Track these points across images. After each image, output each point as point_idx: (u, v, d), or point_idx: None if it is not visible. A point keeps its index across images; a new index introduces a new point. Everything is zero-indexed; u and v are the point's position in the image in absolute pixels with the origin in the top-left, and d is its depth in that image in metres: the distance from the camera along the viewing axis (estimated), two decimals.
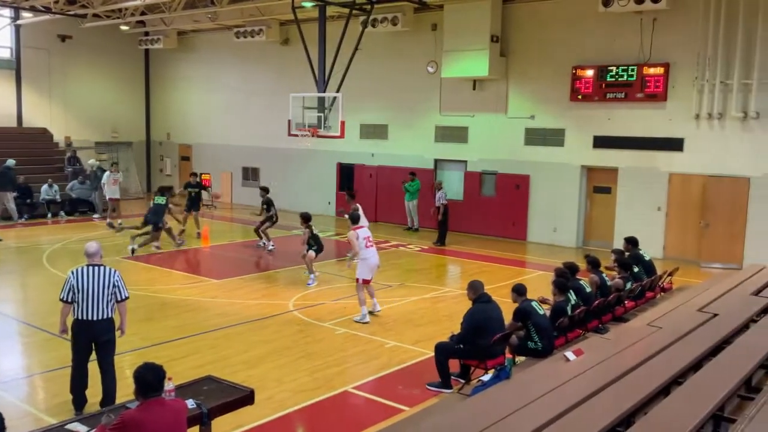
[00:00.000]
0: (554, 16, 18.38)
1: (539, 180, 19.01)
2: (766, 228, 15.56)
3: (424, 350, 9.53)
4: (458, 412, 5.89)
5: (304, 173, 23.94)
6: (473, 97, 19.96)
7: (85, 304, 7.10)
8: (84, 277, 7.13)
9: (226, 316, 11.28)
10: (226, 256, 16.96)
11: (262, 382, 8.28)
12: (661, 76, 16.67)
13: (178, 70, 28.44)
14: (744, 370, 5.45)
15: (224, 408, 5.88)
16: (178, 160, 29.18)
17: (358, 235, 11.14)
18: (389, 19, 20.14)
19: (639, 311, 10.07)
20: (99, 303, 7.12)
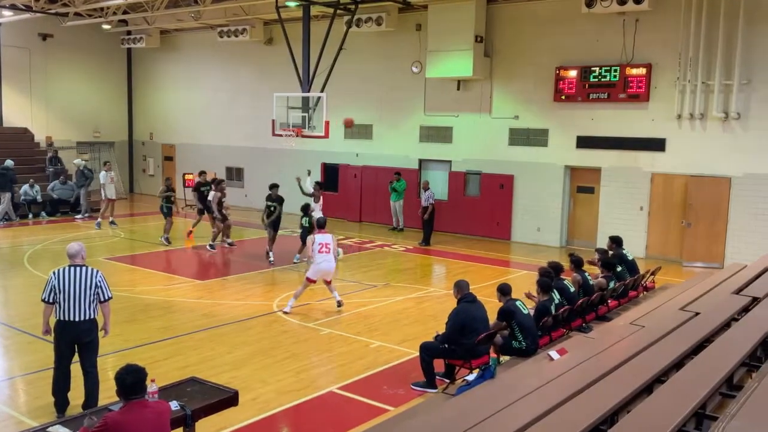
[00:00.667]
0: (538, 16, 18.47)
1: (523, 180, 19.10)
2: (746, 227, 15.74)
3: (409, 350, 9.54)
4: (443, 412, 5.90)
5: (288, 173, 23.85)
6: (458, 97, 20.01)
7: (67, 304, 7.02)
8: (65, 278, 7.06)
9: (209, 317, 11.22)
10: (211, 256, 16.85)
11: (247, 383, 8.24)
12: (643, 76, 16.81)
13: (161, 70, 28.25)
14: (726, 368, 5.50)
15: (208, 409, 5.85)
16: (162, 160, 28.98)
17: (315, 240, 11.64)
18: (374, 19, 20.14)
19: (622, 310, 10.15)
20: (81, 304, 7.05)
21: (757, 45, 15.40)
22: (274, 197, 15.92)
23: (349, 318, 11.34)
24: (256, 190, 24.46)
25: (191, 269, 15.59)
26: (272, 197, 15.93)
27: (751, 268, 10.91)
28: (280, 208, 15.87)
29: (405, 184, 20.55)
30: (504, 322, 8.38)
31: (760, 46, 15.38)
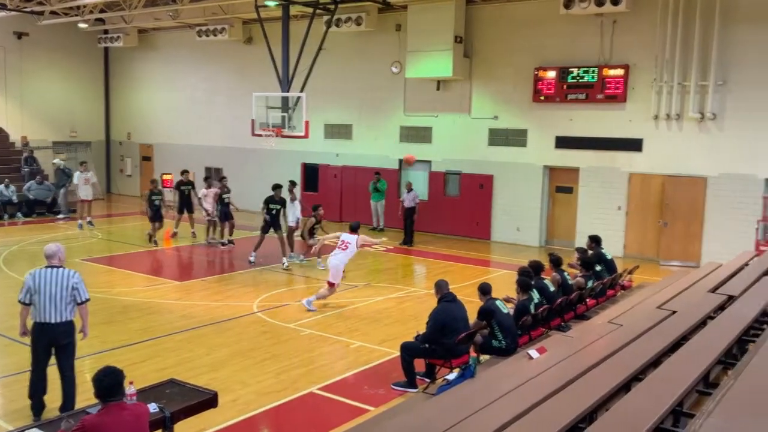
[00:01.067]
0: (517, 17, 18.57)
1: (502, 180, 19.19)
2: (722, 226, 15.96)
3: (389, 350, 9.54)
4: (423, 412, 5.91)
5: (268, 173, 23.72)
6: (437, 97, 20.06)
7: (44, 306, 6.93)
8: (42, 279, 6.96)
9: (188, 318, 11.14)
10: (189, 257, 16.74)
11: (226, 384, 8.19)
12: (621, 77, 16.97)
13: (139, 69, 27.98)
14: (702, 365, 5.56)
15: (187, 411, 5.81)
16: (140, 160, 28.70)
17: (340, 236, 12.45)
18: (353, 19, 20.11)
19: (600, 309, 10.24)
20: (58, 306, 6.96)
21: (732, 46, 15.62)
22: (277, 199, 15.45)
23: (330, 318, 11.32)
24: (235, 190, 24.27)
25: (170, 270, 15.47)
26: (275, 199, 15.43)
27: (727, 266, 11.05)
28: (283, 210, 15.58)
29: (386, 184, 20.56)
30: (484, 321, 8.41)
31: (735, 48, 15.60)
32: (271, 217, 15.29)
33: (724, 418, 3.91)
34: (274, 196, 15.44)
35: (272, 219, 15.30)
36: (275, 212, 15.35)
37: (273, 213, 15.32)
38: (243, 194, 20.74)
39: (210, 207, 17.64)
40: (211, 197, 17.69)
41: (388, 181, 20.64)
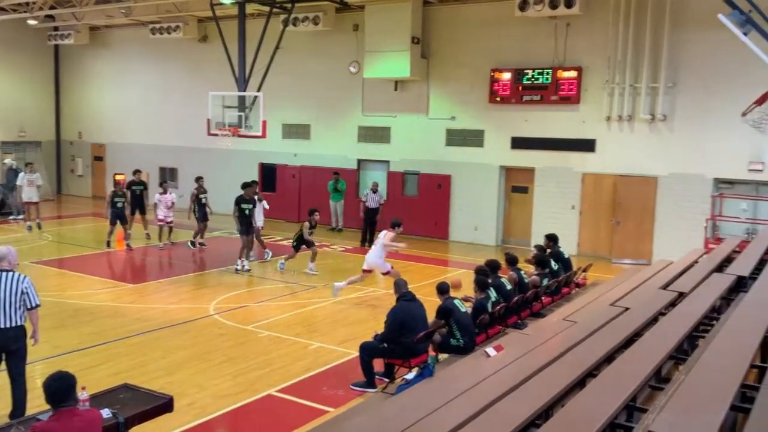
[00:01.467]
0: (473, 19, 18.74)
1: (460, 180, 19.34)
2: (672, 225, 16.38)
3: (349, 350, 9.52)
4: (382, 411, 5.91)
5: (224, 173, 23.44)
6: (395, 97, 20.11)
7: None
8: None
9: (143, 321, 10.93)
10: (143, 259, 16.42)
11: (182, 388, 8.07)
12: (574, 79, 17.28)
13: (91, 67, 27.33)
14: (654, 361, 5.69)
15: (142, 417, 5.70)
16: (91, 161, 28.05)
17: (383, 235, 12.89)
18: (310, 19, 20.02)
19: (555, 306, 10.39)
20: (7, 310, 6.77)
21: (681, 49, 16.05)
22: (248, 198, 14.83)
23: (288, 319, 11.25)
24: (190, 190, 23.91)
25: (124, 272, 15.15)
26: (245, 198, 14.79)
27: (677, 264, 11.33)
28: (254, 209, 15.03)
29: (345, 184, 20.53)
30: (442, 320, 8.46)
31: (684, 51, 16.03)
32: (244, 218, 14.77)
33: (675, 412, 4.00)
34: (244, 195, 14.83)
35: (247, 219, 14.81)
36: (248, 212, 14.84)
37: (246, 213, 14.79)
38: None
39: (164, 214, 17.15)
40: (167, 204, 17.19)
41: (346, 181, 20.61)
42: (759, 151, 15.36)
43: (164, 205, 17.19)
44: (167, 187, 17.89)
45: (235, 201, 14.88)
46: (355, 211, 19.71)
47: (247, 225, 14.84)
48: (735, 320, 6.24)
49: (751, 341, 5.57)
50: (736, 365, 4.95)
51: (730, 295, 8.37)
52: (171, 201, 17.37)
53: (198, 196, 17.15)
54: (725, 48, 14.77)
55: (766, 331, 6.03)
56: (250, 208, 14.88)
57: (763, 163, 15.40)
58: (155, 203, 17.31)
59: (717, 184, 16.05)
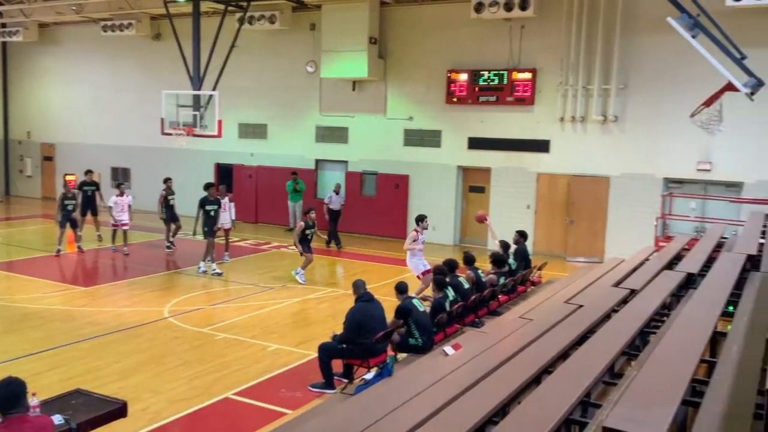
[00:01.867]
0: (430, 20, 18.84)
1: (418, 180, 19.43)
2: (624, 224, 16.75)
3: (307, 351, 9.47)
4: (341, 412, 5.89)
5: (179, 174, 23.05)
6: (353, 97, 20.08)
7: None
8: None
9: (95, 325, 10.68)
10: (95, 262, 16.04)
11: (136, 393, 7.91)
12: (529, 81, 17.52)
13: (40, 65, 26.57)
14: (608, 357, 5.79)
15: (95, 422, 5.57)
16: (41, 160, 27.27)
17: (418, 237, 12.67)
18: (267, 17, 19.85)
19: (512, 305, 10.51)
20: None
21: (632, 52, 16.42)
22: (212, 198, 14.50)
23: (245, 321, 11.13)
24: (144, 191, 23.47)
25: (75, 275, 14.78)
26: (209, 199, 14.44)
27: (629, 262, 11.56)
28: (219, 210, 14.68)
29: (304, 184, 20.44)
30: (401, 320, 8.48)
31: (635, 53, 16.41)
32: (209, 219, 14.45)
33: (628, 407, 4.09)
34: (208, 196, 14.51)
35: (212, 221, 14.50)
36: (213, 213, 14.54)
37: (211, 214, 14.48)
38: (152, 195, 20.02)
39: (119, 217, 16.34)
40: (123, 206, 16.36)
41: (304, 181, 20.50)
42: (707, 151, 15.83)
43: (120, 207, 16.39)
44: (124, 189, 17.12)
45: (200, 202, 14.45)
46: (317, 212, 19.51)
47: (211, 226, 14.51)
48: (685, 316, 6.40)
49: (701, 337, 5.72)
50: (686, 360, 5.08)
51: (680, 292, 8.58)
52: (128, 203, 16.58)
53: (166, 198, 16.77)
54: (674, 51, 15.17)
55: (714, 326, 6.21)
56: (215, 209, 14.59)
57: (710, 163, 15.87)
58: (110, 206, 16.43)
59: (667, 183, 16.48)
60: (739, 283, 8.08)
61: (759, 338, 5.84)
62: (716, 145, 15.43)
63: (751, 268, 8.99)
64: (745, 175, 15.57)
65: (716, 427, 4.14)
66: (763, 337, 5.87)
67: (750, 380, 4.91)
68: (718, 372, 5.09)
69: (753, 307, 6.83)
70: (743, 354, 5.43)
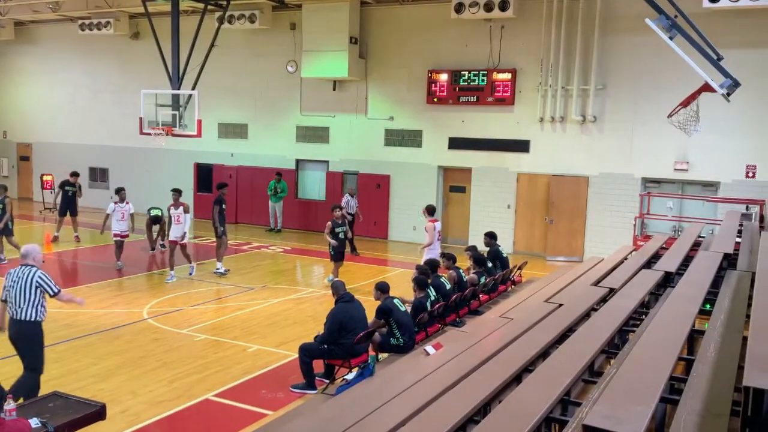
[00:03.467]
0: (410, 20, 18.87)
1: (399, 180, 19.45)
2: (603, 223, 16.90)
3: (288, 352, 9.44)
4: (323, 413, 5.88)
5: (158, 174, 22.91)
6: (334, 97, 20.05)
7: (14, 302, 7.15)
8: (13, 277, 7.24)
9: (73, 327, 10.55)
10: (73, 262, 15.85)
11: (115, 395, 7.83)
12: (509, 81, 17.61)
13: (16, 64, 26.20)
14: (587, 355, 5.84)
15: (73, 425, 5.51)
16: (17, 160, 26.90)
17: (435, 228, 12.83)
18: (246, 17, 19.76)
19: (492, 304, 10.56)
20: (21, 304, 7.16)
21: (610, 53, 16.57)
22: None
23: (226, 322, 11.06)
24: None
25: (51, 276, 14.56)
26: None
27: (608, 261, 11.67)
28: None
29: (286, 185, 20.37)
30: (382, 320, 8.48)
31: (613, 54, 16.56)
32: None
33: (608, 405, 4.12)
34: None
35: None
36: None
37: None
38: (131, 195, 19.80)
39: (123, 228, 14.92)
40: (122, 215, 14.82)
41: (285, 180, 20.44)
42: (684, 151, 16.02)
43: (120, 215, 14.85)
44: (125, 195, 15.24)
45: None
46: (293, 211, 19.52)
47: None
48: (663, 314, 6.47)
49: (679, 334, 5.78)
50: (664, 358, 5.13)
51: (658, 290, 8.67)
52: (129, 211, 14.97)
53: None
54: (652, 52, 15.34)
55: (692, 324, 6.28)
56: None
57: (688, 163, 16.06)
58: (108, 213, 14.88)
59: (645, 183, 16.65)
60: (716, 282, 8.19)
61: (736, 336, 5.92)
62: (693, 145, 15.62)
63: (727, 266, 9.11)
64: (721, 175, 15.78)
65: (694, 424, 4.19)
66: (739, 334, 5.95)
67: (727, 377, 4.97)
68: (695, 369, 5.15)
69: (730, 305, 6.92)
70: (720, 351, 5.51)
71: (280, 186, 20.24)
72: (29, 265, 7.40)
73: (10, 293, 7.24)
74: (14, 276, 7.32)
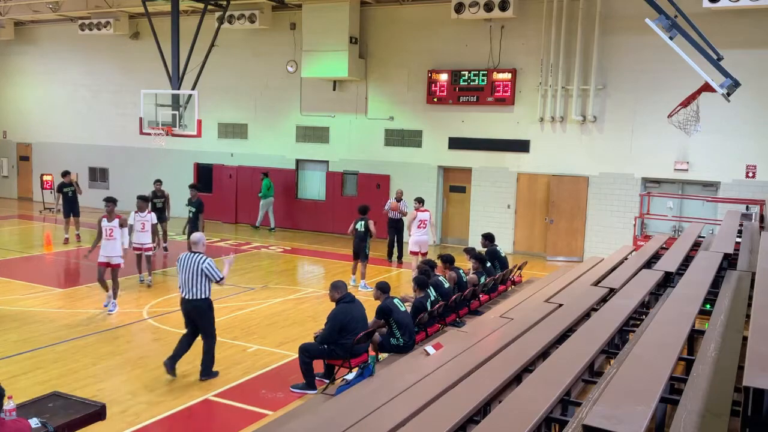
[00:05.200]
0: (410, 20, 18.86)
1: (399, 180, 19.43)
2: (602, 223, 16.90)
3: (288, 352, 9.43)
4: (323, 413, 5.88)
5: (158, 174, 22.84)
6: (334, 97, 20.05)
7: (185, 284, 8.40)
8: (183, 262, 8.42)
9: (72, 327, 10.55)
10: (73, 263, 15.85)
11: (115, 395, 7.83)
12: (509, 81, 17.61)
13: (16, 64, 26.19)
14: (587, 355, 5.83)
15: (73, 425, 5.50)
16: (17, 160, 26.90)
17: (416, 216, 14.27)
18: (246, 17, 19.76)
19: (492, 304, 10.55)
20: (191, 285, 8.36)
21: (610, 53, 16.57)
22: (193, 200, 15.00)
23: (226, 322, 11.05)
24: (122, 191, 23.22)
25: (51, 277, 14.59)
26: (191, 200, 14.98)
27: (608, 261, 11.67)
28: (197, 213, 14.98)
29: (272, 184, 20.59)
30: (382, 320, 8.48)
31: (613, 55, 16.56)
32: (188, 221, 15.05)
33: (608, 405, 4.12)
34: (190, 197, 15.12)
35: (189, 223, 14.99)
36: (191, 214, 15.11)
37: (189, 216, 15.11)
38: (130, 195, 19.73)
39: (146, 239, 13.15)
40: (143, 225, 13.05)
41: (285, 180, 20.46)
42: (684, 151, 16.02)
43: (141, 226, 13.05)
44: (144, 204, 13.28)
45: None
46: (293, 211, 19.50)
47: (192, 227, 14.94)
48: (663, 314, 6.47)
49: (679, 335, 5.78)
50: (664, 358, 5.13)
51: (658, 290, 8.67)
52: (150, 221, 13.19)
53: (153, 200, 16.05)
54: (652, 52, 15.34)
55: (692, 324, 6.28)
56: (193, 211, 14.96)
57: (688, 163, 16.06)
58: (130, 225, 12.66)
59: (645, 183, 16.65)
60: (716, 282, 8.19)
61: (736, 336, 5.92)
62: (693, 145, 15.62)
63: (727, 266, 9.11)
64: (721, 175, 15.78)
65: (694, 424, 4.19)
66: (739, 334, 5.95)
67: (727, 377, 4.97)
68: (695, 369, 5.15)
69: (730, 305, 6.92)
70: (720, 351, 5.50)
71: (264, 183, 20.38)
72: (198, 252, 8.46)
73: (183, 276, 8.35)
74: (185, 261, 8.38)
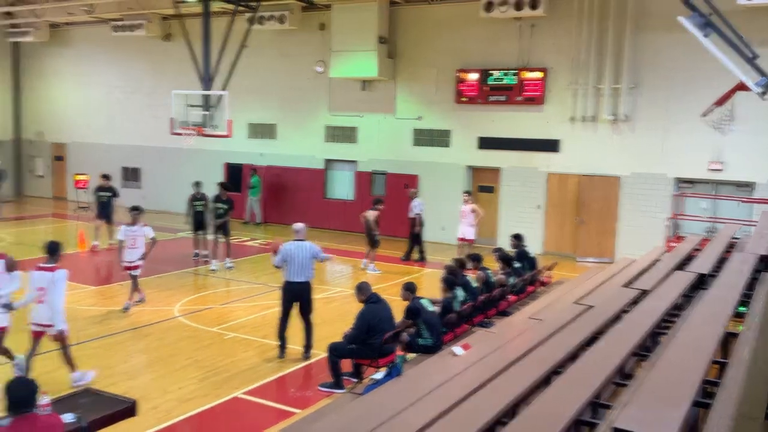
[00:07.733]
0: (439, 19, 18.82)
1: (427, 180, 19.41)
2: (634, 224, 16.67)
3: (316, 351, 9.47)
4: (350, 412, 5.88)
5: (189, 173, 23.13)
6: (362, 97, 20.09)
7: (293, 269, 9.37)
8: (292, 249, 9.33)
9: (105, 324, 10.73)
10: (105, 261, 16.11)
11: (146, 392, 7.94)
12: (539, 80, 17.46)
13: (51, 65, 26.74)
14: (618, 358, 5.76)
15: (105, 421, 5.60)
16: (52, 160, 27.45)
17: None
18: (276, 17, 19.90)
19: (521, 305, 10.47)
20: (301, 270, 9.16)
21: (643, 51, 16.34)
22: (224, 198, 15.19)
23: (255, 321, 11.15)
24: (154, 191, 23.59)
25: (85, 275, 14.85)
26: (221, 198, 15.18)
27: (640, 262, 11.50)
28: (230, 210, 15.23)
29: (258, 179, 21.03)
30: (410, 320, 8.48)
31: (645, 53, 16.32)
32: (217, 217, 15.16)
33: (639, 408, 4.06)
34: (220, 195, 15.24)
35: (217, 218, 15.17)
36: (222, 212, 15.14)
37: (220, 213, 15.15)
38: (162, 195, 20.16)
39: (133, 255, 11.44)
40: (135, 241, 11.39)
41: (313, 180, 20.57)
42: (718, 151, 15.72)
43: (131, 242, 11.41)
44: (137, 215, 11.65)
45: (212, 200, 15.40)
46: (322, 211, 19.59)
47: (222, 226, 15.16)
48: (696, 317, 6.36)
49: (712, 337, 5.68)
50: (697, 361, 5.05)
51: (691, 293, 8.53)
52: (142, 235, 11.50)
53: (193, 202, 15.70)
54: (686, 50, 15.08)
55: (725, 327, 6.16)
56: (225, 209, 15.14)
57: (722, 163, 15.77)
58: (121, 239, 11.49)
59: (678, 183, 16.38)
60: (750, 284, 8.03)
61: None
62: (728, 144, 15.33)
63: (763, 268, 8.93)
64: (756, 175, 15.46)
65: (727, 428, 4.11)
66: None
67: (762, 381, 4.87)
68: (729, 373, 5.06)
69: (765, 307, 6.78)
70: (755, 355, 5.39)
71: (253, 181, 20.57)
72: (303, 240, 9.46)
73: (294, 261, 9.20)
74: (293, 248, 9.30)
